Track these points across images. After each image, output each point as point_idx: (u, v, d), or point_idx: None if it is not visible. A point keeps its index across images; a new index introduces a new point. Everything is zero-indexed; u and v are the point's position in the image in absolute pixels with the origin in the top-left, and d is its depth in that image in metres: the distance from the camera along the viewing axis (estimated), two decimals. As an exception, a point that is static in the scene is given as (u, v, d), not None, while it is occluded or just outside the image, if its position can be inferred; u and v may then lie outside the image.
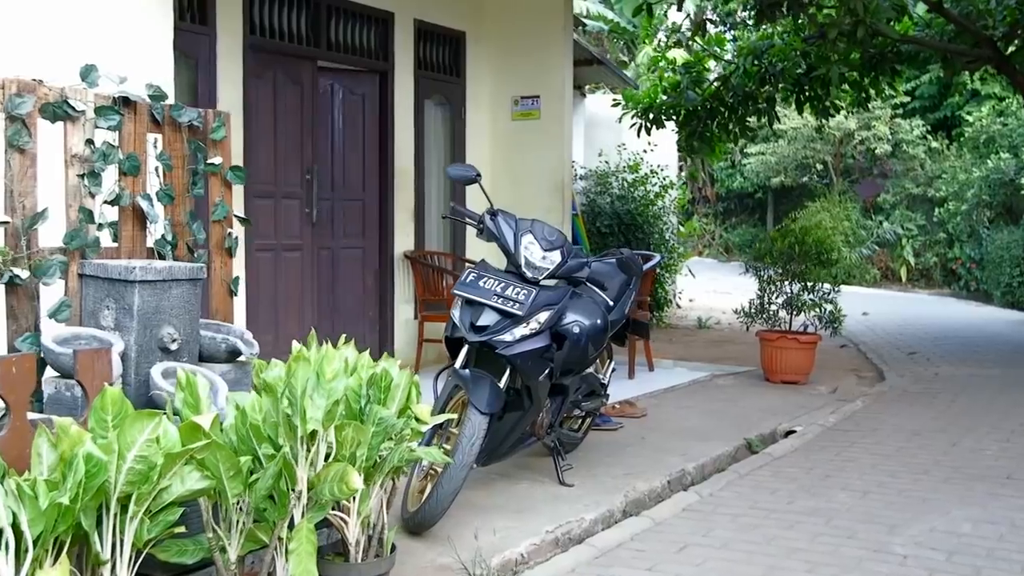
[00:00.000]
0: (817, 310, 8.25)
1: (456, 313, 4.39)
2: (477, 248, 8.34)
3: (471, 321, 4.32)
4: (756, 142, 21.95)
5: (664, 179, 12.43)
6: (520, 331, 4.30)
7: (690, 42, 10.89)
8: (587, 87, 12.87)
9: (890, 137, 19.85)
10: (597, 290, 4.79)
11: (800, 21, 9.95)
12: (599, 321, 4.65)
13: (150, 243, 3.75)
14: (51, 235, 3.47)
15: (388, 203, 8.01)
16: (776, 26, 10.71)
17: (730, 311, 10.17)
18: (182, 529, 2.76)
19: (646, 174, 12.25)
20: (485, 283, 4.39)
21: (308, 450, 2.97)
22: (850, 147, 20.60)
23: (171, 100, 4.71)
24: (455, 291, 4.43)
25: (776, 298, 8.34)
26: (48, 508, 2.37)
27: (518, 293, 4.34)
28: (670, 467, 5.31)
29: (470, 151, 8.85)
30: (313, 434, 2.94)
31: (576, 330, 4.53)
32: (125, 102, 3.60)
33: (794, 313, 8.27)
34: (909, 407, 7.15)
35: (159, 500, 2.65)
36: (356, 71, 7.89)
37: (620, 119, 11.66)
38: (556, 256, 4.54)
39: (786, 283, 8.31)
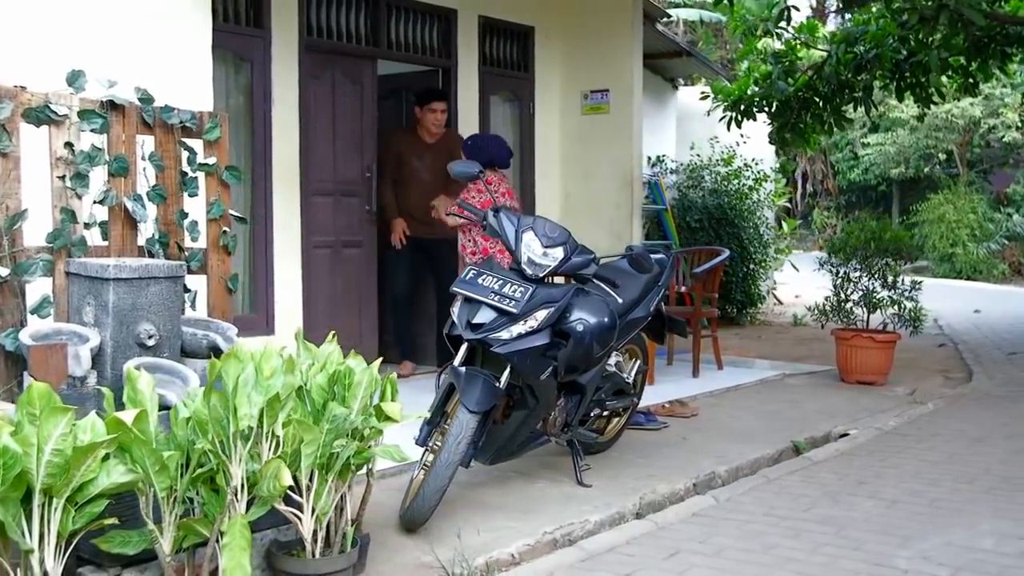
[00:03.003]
0: (896, 308, 7.86)
1: (455, 310, 4.38)
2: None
3: (468, 319, 4.29)
4: (879, 131, 21.12)
5: (759, 172, 12.10)
6: (517, 329, 4.25)
7: (776, 30, 10.51)
8: (679, 79, 12.62)
9: (1020, 124, 18.76)
10: (608, 288, 4.69)
11: (895, 5, 9.52)
12: (606, 319, 4.54)
13: (141, 242, 3.87)
14: (41, 235, 3.62)
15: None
16: (870, 11, 10.28)
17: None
18: (113, 520, 2.84)
19: (739, 168, 11.95)
20: (484, 280, 4.36)
21: (247, 446, 3.01)
22: (976, 136, 19.57)
23: (209, 103, 4.87)
24: (454, 288, 4.41)
25: (851, 295, 7.99)
26: (-43, 497, 2.48)
27: (515, 291, 4.29)
28: (700, 470, 5.15)
29: (539, 146, 8.81)
30: (248, 430, 2.97)
31: (580, 328, 4.44)
32: (112, 105, 3.72)
33: (870, 310, 7.90)
34: (983, 411, 6.74)
35: (85, 492, 2.74)
36: (418, 69, 7.95)
37: (709, 112, 11.42)
38: (558, 253, 4.47)
39: (863, 279, 7.95)
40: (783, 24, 9.99)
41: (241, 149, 6.75)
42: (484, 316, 4.28)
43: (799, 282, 14.88)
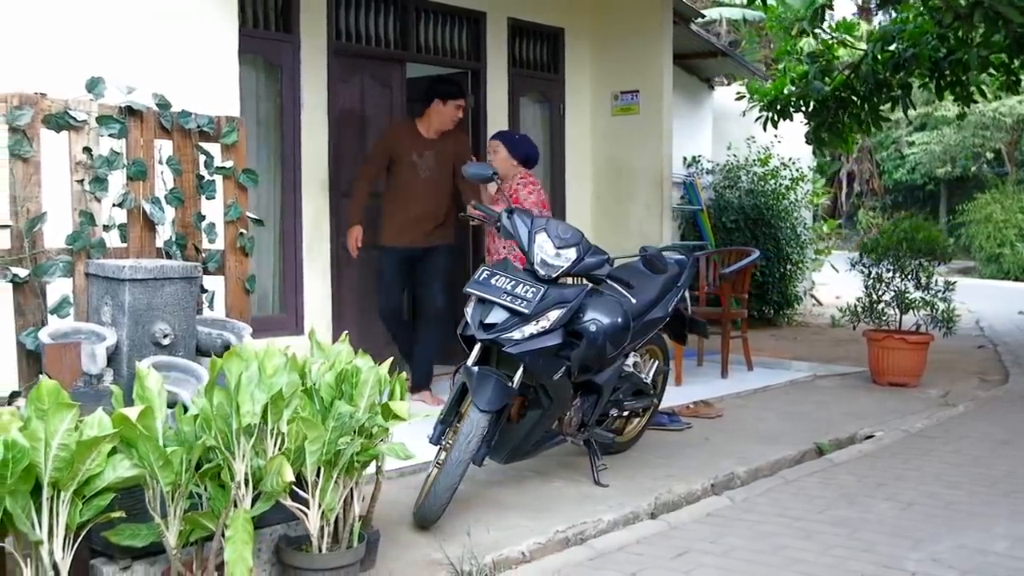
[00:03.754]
0: (929, 309, 7.77)
1: (468, 310, 4.43)
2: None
3: (480, 319, 4.34)
4: (925, 129, 20.82)
5: (797, 171, 12.02)
6: (529, 329, 4.29)
7: (814, 29, 10.42)
8: (715, 79, 12.55)
9: (1071, 122, 18.43)
10: (622, 289, 4.71)
11: (931, 3, 9.41)
12: (619, 320, 4.57)
13: (160, 243, 3.97)
14: (62, 237, 3.73)
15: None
16: (909, 8, 10.16)
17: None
18: (120, 513, 2.93)
19: (776, 168, 11.88)
20: (496, 281, 4.40)
21: (251, 442, 3.09)
22: (1025, 134, 19.25)
23: (236, 107, 4.99)
24: (467, 289, 4.46)
25: (883, 296, 7.92)
26: (-38, 489, 2.58)
27: (527, 291, 4.33)
28: (719, 470, 5.15)
29: (570, 147, 8.85)
30: (250, 427, 3.05)
31: (593, 328, 4.48)
32: (130, 111, 3.82)
33: (902, 311, 7.82)
34: (1015, 414, 6.65)
35: (92, 485, 2.83)
36: (447, 72, 8.01)
37: (744, 113, 11.37)
38: (571, 253, 4.50)
39: (895, 279, 7.87)
40: (819, 23, 9.92)
41: (271, 152, 6.87)
42: (496, 316, 4.32)
43: (840, 283, 14.74)
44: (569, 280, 4.63)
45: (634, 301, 4.76)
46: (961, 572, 3.70)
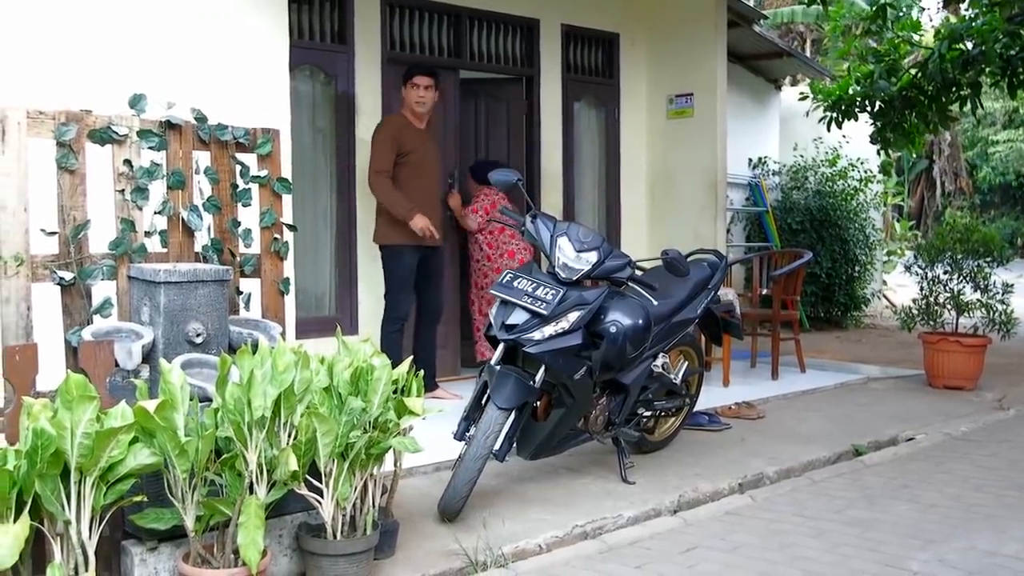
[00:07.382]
0: (985, 311, 7.66)
1: (492, 312, 4.60)
2: (631, 248, 8.44)
3: (503, 320, 4.51)
4: (1014, 127, 20.23)
5: (866, 172, 11.90)
6: (549, 330, 4.44)
7: (876, 28, 10.30)
8: (782, 80, 12.47)
9: None
10: (644, 291, 4.82)
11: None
12: (640, 321, 4.69)
13: (198, 248, 4.25)
14: (106, 243, 4.02)
15: (535, 206, 8.23)
16: (978, 5, 10.00)
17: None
18: (141, 497, 3.19)
19: (844, 168, 11.77)
20: (518, 283, 4.56)
21: (262, 434, 3.32)
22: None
23: (285, 118, 5.24)
24: (491, 291, 4.64)
25: (938, 298, 7.83)
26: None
27: (547, 293, 4.48)
28: (749, 470, 5.22)
29: (625, 151, 8.95)
30: (262, 419, 3.28)
31: (613, 329, 4.61)
32: (170, 125, 4.10)
33: (958, 313, 7.73)
34: (1066, 419, 6.55)
35: (115, 471, 3.09)
36: (500, 78, 8.20)
37: (808, 113, 11.30)
38: (592, 257, 4.64)
39: (952, 281, 7.78)
40: (880, 22, 9.82)
41: (328, 158, 7.16)
42: (517, 317, 4.48)
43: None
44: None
45: (655, 303, 4.87)
46: (965, 573, 3.73)
